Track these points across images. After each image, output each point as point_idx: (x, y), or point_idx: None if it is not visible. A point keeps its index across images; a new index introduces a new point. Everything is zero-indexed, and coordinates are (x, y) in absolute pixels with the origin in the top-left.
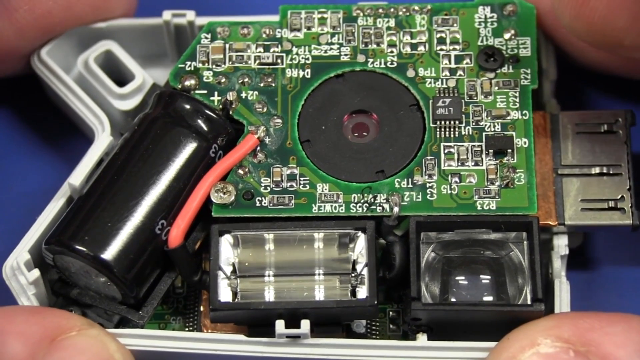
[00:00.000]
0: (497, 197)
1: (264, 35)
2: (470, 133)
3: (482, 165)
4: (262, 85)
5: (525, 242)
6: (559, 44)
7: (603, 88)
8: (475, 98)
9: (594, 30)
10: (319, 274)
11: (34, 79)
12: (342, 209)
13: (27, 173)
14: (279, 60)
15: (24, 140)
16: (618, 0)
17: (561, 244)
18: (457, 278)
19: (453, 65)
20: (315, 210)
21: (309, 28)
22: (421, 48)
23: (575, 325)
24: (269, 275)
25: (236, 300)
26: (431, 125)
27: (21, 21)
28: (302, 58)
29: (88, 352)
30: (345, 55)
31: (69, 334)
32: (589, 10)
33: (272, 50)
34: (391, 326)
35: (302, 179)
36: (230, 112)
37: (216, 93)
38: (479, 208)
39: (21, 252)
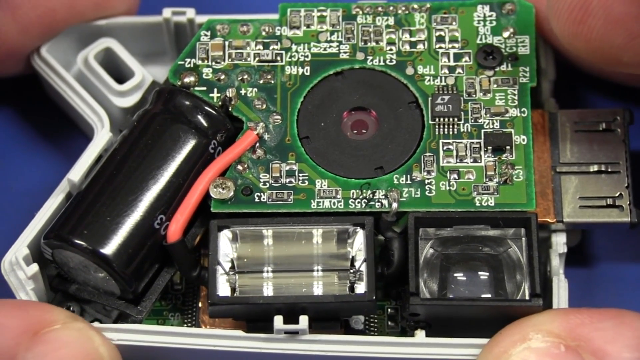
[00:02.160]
0: (495, 193)
1: (263, 33)
2: (469, 130)
3: (480, 162)
4: (261, 82)
5: (523, 238)
6: (558, 49)
7: (601, 87)
8: (474, 95)
9: (592, 47)
10: (317, 270)
11: (34, 77)
12: (340, 205)
13: (26, 171)
14: (279, 58)
15: (24, 138)
16: (615, 19)
17: (559, 242)
18: (455, 274)
19: (452, 63)
20: (314, 206)
21: (308, 26)
22: (420, 46)
23: (566, 320)
24: (267, 271)
25: (235, 295)
26: (430, 122)
27: (24, 19)
28: (302, 55)
29: (72, 345)
30: (345, 53)
31: (53, 327)
32: (587, 28)
33: (271, 47)
34: (389, 323)
35: (301, 175)
36: (230, 109)
37: (215, 90)
38: (477, 204)
39: (20, 247)
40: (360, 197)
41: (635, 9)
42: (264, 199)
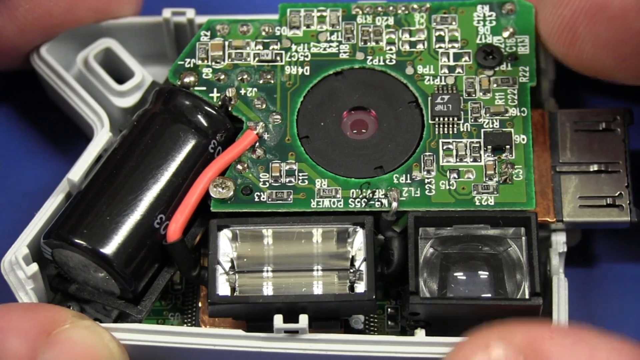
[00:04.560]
0: (495, 192)
1: (263, 33)
2: (469, 129)
3: (480, 162)
4: (261, 82)
5: (523, 237)
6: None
7: (601, 87)
8: (474, 95)
9: (584, 66)
10: (317, 270)
11: (33, 75)
12: (340, 204)
13: (26, 171)
14: (278, 58)
15: (24, 138)
16: (603, 44)
17: (559, 241)
18: (455, 274)
19: (452, 63)
20: (313, 205)
21: (308, 26)
22: (420, 46)
23: (528, 332)
24: (267, 271)
25: (234, 295)
26: (430, 121)
27: (21, 19)
28: (302, 55)
29: (84, 343)
30: (344, 52)
31: (63, 327)
32: (576, 51)
33: (271, 47)
34: (389, 322)
35: (300, 174)
36: (229, 109)
37: (215, 90)
38: (477, 203)
39: (20, 247)
40: (360, 196)
41: (621, 33)
42: (263, 198)
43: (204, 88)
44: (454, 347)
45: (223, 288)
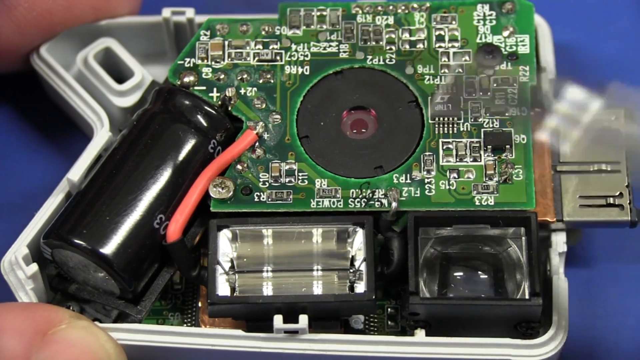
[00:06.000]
0: (495, 192)
1: (263, 33)
2: (469, 129)
3: (480, 161)
4: (261, 81)
5: (523, 237)
6: None
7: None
8: (474, 95)
9: None
10: (317, 270)
11: (33, 76)
12: (340, 204)
13: (26, 171)
14: (278, 57)
15: (24, 138)
16: None
17: (559, 241)
18: (455, 274)
19: (452, 62)
20: (313, 205)
21: (308, 25)
22: (420, 45)
23: None
24: (267, 271)
25: (234, 295)
26: (430, 121)
27: (20, 19)
28: (301, 55)
29: (80, 344)
30: (344, 52)
31: (60, 327)
32: None
33: (271, 47)
34: (389, 322)
35: (300, 174)
36: (229, 108)
37: (215, 89)
38: (477, 203)
39: (19, 247)
40: (360, 196)
41: None
42: (263, 198)
43: (204, 88)
44: None
45: (223, 288)
